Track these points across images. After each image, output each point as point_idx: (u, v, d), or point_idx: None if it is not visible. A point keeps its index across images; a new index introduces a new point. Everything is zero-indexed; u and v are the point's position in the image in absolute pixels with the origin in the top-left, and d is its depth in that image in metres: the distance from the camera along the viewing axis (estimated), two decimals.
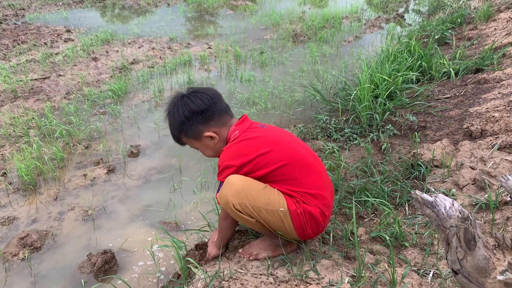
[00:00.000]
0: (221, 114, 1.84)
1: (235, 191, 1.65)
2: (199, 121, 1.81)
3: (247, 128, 1.83)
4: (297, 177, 1.73)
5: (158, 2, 12.23)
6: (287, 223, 1.70)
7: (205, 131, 1.83)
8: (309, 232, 1.75)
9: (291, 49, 7.15)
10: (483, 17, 6.21)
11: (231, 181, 1.68)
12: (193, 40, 7.89)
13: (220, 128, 1.84)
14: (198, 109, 1.79)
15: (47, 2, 11.62)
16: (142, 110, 4.66)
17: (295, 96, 4.85)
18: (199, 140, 1.87)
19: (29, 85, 5.19)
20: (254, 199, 1.66)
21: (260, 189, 1.69)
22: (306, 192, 1.72)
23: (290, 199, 1.70)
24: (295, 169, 1.73)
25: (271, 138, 1.78)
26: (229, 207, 1.68)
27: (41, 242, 2.65)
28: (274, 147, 1.73)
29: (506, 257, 1.05)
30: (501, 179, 1.18)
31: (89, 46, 7.02)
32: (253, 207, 1.66)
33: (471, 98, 3.60)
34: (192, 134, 1.86)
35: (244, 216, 1.69)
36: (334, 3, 12.25)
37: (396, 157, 3.00)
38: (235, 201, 1.65)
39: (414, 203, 1.19)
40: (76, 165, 3.57)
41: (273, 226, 1.73)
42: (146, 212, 2.97)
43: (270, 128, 1.87)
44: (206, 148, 1.92)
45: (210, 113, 1.81)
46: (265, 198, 1.67)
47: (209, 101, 1.81)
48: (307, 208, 1.70)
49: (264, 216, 1.68)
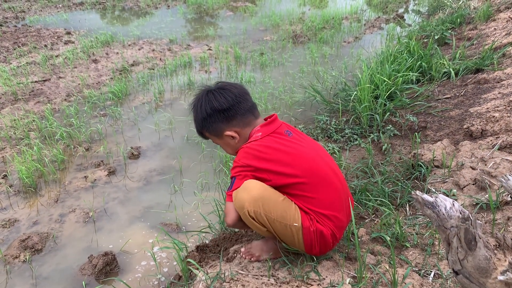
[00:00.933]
0: (245, 114, 1.80)
1: (253, 198, 1.61)
2: (221, 119, 1.78)
3: (272, 131, 1.78)
4: (314, 196, 1.69)
5: (158, 3, 12.25)
6: (298, 238, 1.67)
7: (227, 129, 1.79)
8: (316, 250, 1.73)
9: (291, 50, 7.15)
10: (482, 17, 6.21)
11: (250, 187, 1.63)
12: (193, 42, 7.90)
13: (242, 128, 1.80)
14: (221, 107, 1.76)
15: (47, 5, 11.64)
16: (142, 111, 4.66)
17: (295, 97, 4.85)
18: (220, 137, 1.85)
19: (30, 87, 5.20)
20: (270, 210, 1.62)
21: (278, 201, 1.65)
22: (322, 213, 1.68)
23: (305, 215, 1.67)
24: (313, 187, 1.69)
25: (293, 150, 1.73)
26: (243, 212, 1.64)
27: (42, 244, 2.65)
28: (295, 162, 1.69)
29: (507, 257, 1.05)
30: (501, 179, 1.18)
31: (89, 48, 7.03)
32: (268, 218, 1.63)
33: (471, 98, 3.60)
34: (213, 131, 1.83)
35: (256, 224, 1.66)
36: (333, 4, 12.26)
37: (397, 157, 3.00)
38: (251, 208, 1.61)
39: (414, 204, 1.19)
40: (76, 167, 3.57)
41: (282, 238, 1.71)
42: (147, 214, 2.97)
43: (296, 138, 1.80)
44: (227, 146, 1.90)
45: (232, 112, 1.77)
46: (281, 211, 1.64)
47: (233, 100, 1.77)
48: (320, 228, 1.67)
49: (276, 227, 1.65)
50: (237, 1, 12.94)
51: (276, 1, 12.94)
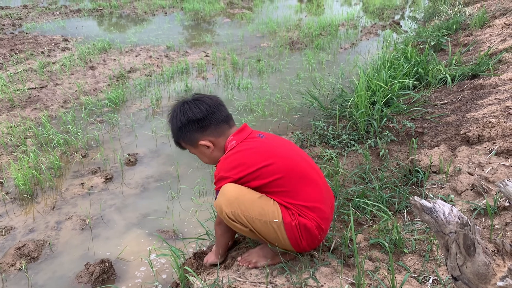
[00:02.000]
0: (218, 124, 1.85)
1: (229, 200, 1.67)
2: (195, 129, 1.84)
3: (245, 138, 1.83)
4: (294, 189, 1.72)
5: (155, 10, 12.28)
6: (281, 235, 1.69)
7: (201, 139, 1.85)
8: (304, 245, 1.74)
9: (288, 56, 7.17)
10: (478, 23, 6.25)
11: (226, 190, 1.69)
12: (190, 48, 7.91)
13: (216, 137, 1.86)
14: (194, 117, 1.82)
15: (44, 12, 11.65)
16: (139, 118, 4.66)
17: (293, 103, 4.86)
18: (195, 147, 1.91)
19: (26, 94, 5.19)
20: (247, 209, 1.66)
21: (254, 199, 1.68)
22: (302, 205, 1.70)
23: (286, 210, 1.69)
24: (292, 181, 1.72)
25: (268, 149, 1.77)
26: (223, 215, 1.69)
27: (38, 252, 2.63)
28: (271, 160, 1.72)
29: (506, 263, 1.04)
30: (500, 184, 1.18)
31: (86, 54, 7.03)
32: (246, 217, 1.67)
33: (468, 104, 3.61)
34: (189, 141, 1.90)
35: (237, 225, 1.70)
36: (330, 11, 12.33)
37: (394, 163, 3.00)
38: (228, 210, 1.67)
39: (413, 209, 1.19)
40: (73, 174, 3.56)
41: (266, 237, 1.72)
42: (144, 221, 2.95)
43: (269, 138, 1.86)
44: (203, 155, 1.95)
45: (206, 122, 1.83)
46: (259, 208, 1.67)
47: (207, 110, 1.83)
48: (303, 221, 1.68)
49: (257, 226, 1.68)
50: (234, 8, 12.99)
51: (273, 8, 13.01)
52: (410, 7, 13.22)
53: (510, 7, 6.45)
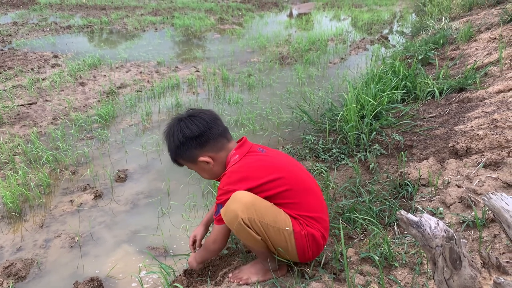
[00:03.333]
0: (217, 139, 1.84)
1: (245, 205, 1.63)
2: (194, 146, 1.82)
3: (247, 152, 1.84)
4: (299, 201, 1.74)
5: (146, 26, 12.34)
6: (290, 244, 1.70)
7: (200, 155, 1.83)
8: (309, 255, 1.76)
9: (278, 71, 7.23)
10: (464, 37, 6.37)
11: (240, 196, 1.66)
12: (181, 64, 7.94)
13: (216, 153, 1.85)
14: (192, 134, 1.80)
15: (34, 28, 11.65)
16: (129, 134, 4.64)
17: (283, 117, 4.88)
18: (195, 164, 1.88)
19: (15, 111, 5.16)
20: (262, 215, 1.65)
21: (268, 206, 1.69)
22: (308, 215, 1.74)
23: (294, 220, 1.72)
24: (297, 193, 1.75)
25: (272, 164, 1.79)
26: (238, 221, 1.64)
27: (26, 271, 2.59)
28: (277, 174, 1.73)
29: (491, 276, 1.05)
30: (484, 197, 1.19)
31: (76, 71, 7.03)
32: (262, 223, 1.65)
33: (456, 117, 3.66)
34: (188, 158, 1.87)
35: (252, 232, 1.66)
36: (319, 26, 12.48)
37: (384, 176, 3.02)
38: (245, 216, 1.63)
39: (400, 223, 1.19)
40: (62, 191, 3.52)
41: (276, 245, 1.72)
42: (134, 238, 2.92)
43: (270, 152, 1.88)
44: (203, 171, 1.93)
45: (205, 138, 1.81)
46: (273, 215, 1.67)
47: (204, 126, 1.81)
48: (310, 231, 1.71)
49: (270, 233, 1.68)
50: (224, 23, 13.10)
51: (263, 24, 13.14)
52: (398, 21, 13.44)
53: (495, 21, 6.58)
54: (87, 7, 17.75)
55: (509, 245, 1.82)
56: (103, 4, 18.40)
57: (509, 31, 5.63)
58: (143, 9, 16.61)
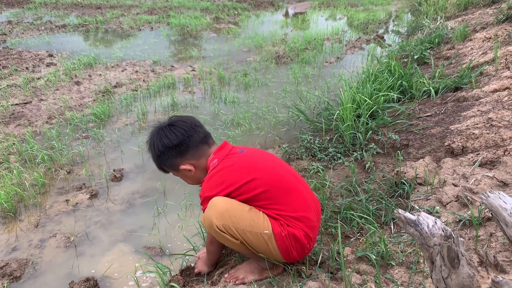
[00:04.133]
0: (197, 146, 1.85)
1: (219, 212, 1.65)
2: (174, 155, 1.83)
3: (226, 155, 1.83)
4: (280, 201, 1.73)
5: (142, 26, 12.30)
6: (272, 246, 1.69)
7: (181, 164, 1.85)
8: (294, 255, 1.74)
9: (274, 70, 7.23)
10: (459, 37, 6.38)
11: (215, 203, 1.68)
12: (176, 63, 7.92)
13: (197, 160, 1.86)
14: (171, 144, 1.81)
15: (29, 27, 11.59)
16: (125, 133, 4.63)
17: (279, 116, 4.88)
18: (178, 171, 1.90)
19: (10, 110, 5.12)
20: (238, 221, 1.65)
21: (244, 211, 1.68)
22: (289, 215, 1.72)
23: (275, 222, 1.70)
24: (276, 193, 1.73)
25: (250, 164, 1.78)
26: (213, 228, 1.67)
27: (21, 271, 2.57)
28: (253, 175, 1.73)
29: (489, 274, 1.05)
30: (482, 196, 1.19)
31: (71, 70, 6.99)
32: (237, 229, 1.66)
33: (452, 116, 3.67)
34: (170, 166, 1.90)
35: (228, 237, 1.68)
36: (315, 25, 12.49)
37: (380, 175, 3.02)
38: (219, 223, 1.65)
39: (398, 222, 1.19)
40: (58, 190, 3.50)
41: (257, 249, 1.71)
42: (130, 237, 2.91)
43: (250, 153, 1.87)
44: (186, 178, 1.96)
45: (184, 147, 1.82)
46: (249, 220, 1.67)
47: (182, 135, 1.82)
48: (292, 231, 1.69)
49: (248, 238, 1.67)
50: (220, 23, 13.08)
51: (259, 23, 13.13)
52: (393, 21, 13.47)
53: (490, 21, 6.60)
54: (82, 6, 17.67)
55: (506, 244, 1.82)
56: (98, 3, 18.32)
57: (504, 31, 5.66)
58: (139, 8, 16.56)
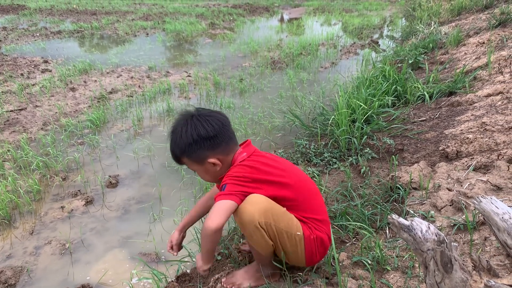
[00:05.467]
0: (229, 142, 1.78)
1: (263, 210, 1.61)
2: (207, 146, 1.73)
3: (253, 152, 1.83)
4: (307, 204, 1.76)
5: (137, 31, 12.32)
6: (300, 248, 1.71)
7: (210, 157, 1.75)
8: (318, 259, 1.78)
9: (270, 76, 7.25)
10: (453, 42, 6.43)
11: (256, 200, 1.63)
12: (172, 69, 7.93)
13: (226, 155, 1.78)
14: (208, 135, 1.71)
15: (24, 33, 11.58)
16: (121, 139, 4.62)
17: (275, 121, 4.89)
18: (201, 164, 1.78)
19: (5, 117, 5.11)
20: (279, 221, 1.65)
21: (282, 211, 1.69)
22: (315, 218, 1.75)
23: (304, 225, 1.72)
24: (304, 196, 1.76)
25: (280, 163, 1.81)
26: (254, 224, 1.61)
27: (16, 278, 2.56)
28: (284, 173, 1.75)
29: (482, 279, 1.06)
30: (474, 201, 1.20)
31: (66, 76, 6.99)
32: (277, 228, 1.65)
33: (446, 121, 3.69)
34: (195, 158, 1.77)
35: (264, 235, 1.65)
36: (310, 31, 12.55)
37: (375, 180, 3.03)
38: (262, 220, 1.61)
39: (392, 227, 1.20)
40: (53, 197, 3.49)
41: (287, 249, 1.72)
42: (126, 244, 2.90)
43: (272, 156, 1.89)
44: (206, 173, 1.84)
45: (219, 140, 1.74)
46: (287, 220, 1.68)
47: (219, 127, 1.74)
48: (319, 235, 1.72)
49: (283, 238, 1.68)
50: (215, 28, 13.12)
51: (254, 29, 13.18)
52: (388, 26, 13.56)
53: (483, 26, 6.66)
54: (78, 12, 17.68)
55: (499, 248, 1.83)
56: (93, 9, 18.34)
57: (497, 36, 5.71)
58: (134, 14, 16.59)
